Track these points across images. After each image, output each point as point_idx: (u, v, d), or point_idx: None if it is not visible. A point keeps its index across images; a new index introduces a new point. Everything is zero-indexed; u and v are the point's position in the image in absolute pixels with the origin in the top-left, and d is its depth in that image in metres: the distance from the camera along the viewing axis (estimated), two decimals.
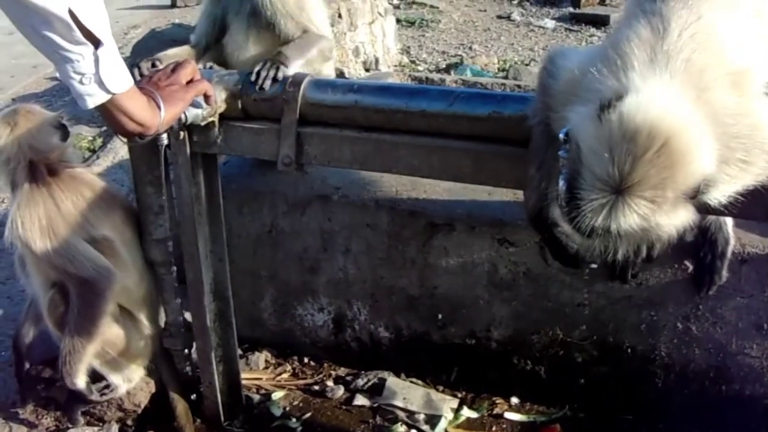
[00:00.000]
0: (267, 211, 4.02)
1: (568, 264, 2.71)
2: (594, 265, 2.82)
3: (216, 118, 3.12)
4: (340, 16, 9.33)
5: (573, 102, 2.23)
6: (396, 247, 3.85)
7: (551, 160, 2.42)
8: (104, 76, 2.29)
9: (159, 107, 2.60)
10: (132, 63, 3.41)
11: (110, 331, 3.55)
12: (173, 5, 13.73)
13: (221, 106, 3.10)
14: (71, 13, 2.12)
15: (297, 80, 3.04)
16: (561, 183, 2.09)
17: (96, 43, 2.23)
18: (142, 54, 9.53)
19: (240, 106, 3.13)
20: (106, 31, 2.28)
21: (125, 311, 3.62)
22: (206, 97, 2.94)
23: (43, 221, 3.24)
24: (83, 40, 2.20)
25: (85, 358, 3.44)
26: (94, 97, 2.33)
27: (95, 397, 3.66)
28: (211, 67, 3.83)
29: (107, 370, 3.67)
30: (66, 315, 3.41)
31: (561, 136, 2.15)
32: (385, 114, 2.93)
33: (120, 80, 2.37)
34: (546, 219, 2.54)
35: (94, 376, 3.64)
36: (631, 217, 1.93)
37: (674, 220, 2.00)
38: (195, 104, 2.92)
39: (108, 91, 2.34)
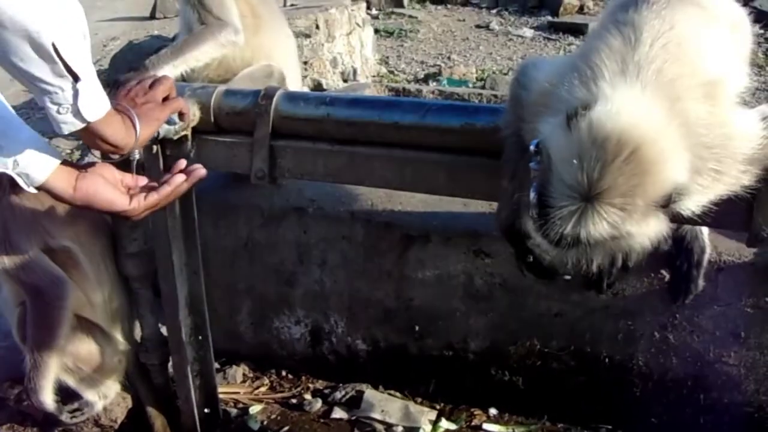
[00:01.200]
0: (242, 224, 4.01)
1: (541, 276, 2.71)
2: (568, 277, 2.83)
3: (189, 132, 3.10)
4: (317, 27, 9.32)
5: (544, 113, 2.22)
6: (372, 260, 3.84)
7: (523, 171, 2.41)
8: (82, 107, 2.26)
9: (135, 127, 2.58)
10: (110, 77, 3.39)
11: (82, 347, 3.53)
12: (152, 17, 13.69)
13: (194, 120, 3.09)
14: (54, 48, 2.10)
15: (269, 93, 3.03)
16: (532, 194, 2.09)
17: (75, 76, 2.21)
18: (120, 66, 9.56)
19: (213, 119, 3.11)
20: (87, 64, 2.25)
21: (96, 326, 3.59)
22: (181, 115, 2.93)
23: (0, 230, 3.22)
24: (64, 73, 2.16)
25: (48, 374, 3.40)
26: (69, 125, 2.30)
27: (65, 418, 3.64)
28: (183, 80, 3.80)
29: (82, 387, 3.64)
30: None
31: (531, 147, 2.14)
32: (358, 126, 2.92)
33: (97, 108, 2.33)
34: (518, 231, 2.54)
35: (69, 394, 3.63)
36: (600, 225, 1.93)
37: (645, 229, 2.00)
38: (169, 121, 2.90)
39: (84, 120, 2.31)
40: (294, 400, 4.09)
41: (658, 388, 3.58)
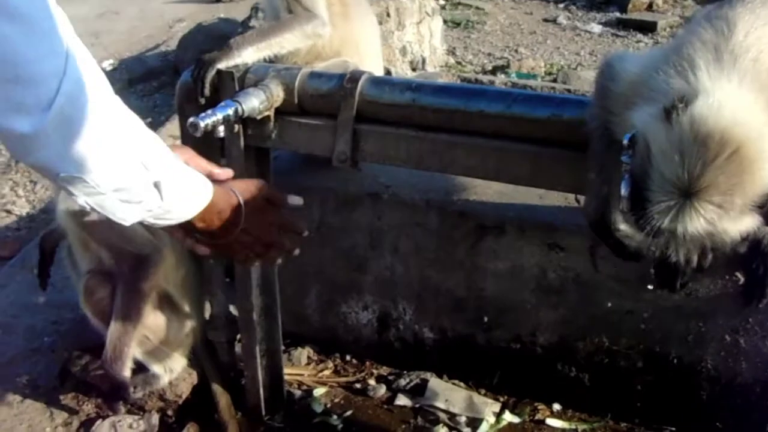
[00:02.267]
0: (316, 207, 4.01)
1: (630, 258, 2.67)
2: (651, 286, 2.82)
3: (272, 113, 3.12)
4: (388, 15, 9.31)
5: (636, 104, 2.20)
6: (444, 248, 3.83)
7: (611, 164, 2.39)
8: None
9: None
10: (178, 58, 3.39)
11: (152, 318, 3.58)
12: (219, 0, 13.75)
13: (277, 101, 3.10)
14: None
15: (355, 76, 3.03)
16: (624, 188, 2.08)
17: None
18: (188, 47, 9.63)
19: (296, 100, 3.11)
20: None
21: (167, 300, 3.65)
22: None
23: None
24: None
25: (131, 344, 3.46)
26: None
27: (139, 390, 3.68)
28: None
29: (149, 360, 3.69)
30: (106, 300, 3.46)
31: (624, 141, 2.13)
32: (443, 114, 2.90)
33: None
34: (608, 224, 2.51)
35: (137, 366, 3.67)
36: (698, 221, 1.92)
37: (740, 226, 1.99)
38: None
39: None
40: (358, 385, 4.10)
41: (725, 393, 3.53)
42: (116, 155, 1.82)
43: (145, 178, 1.90)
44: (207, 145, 3.20)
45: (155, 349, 3.68)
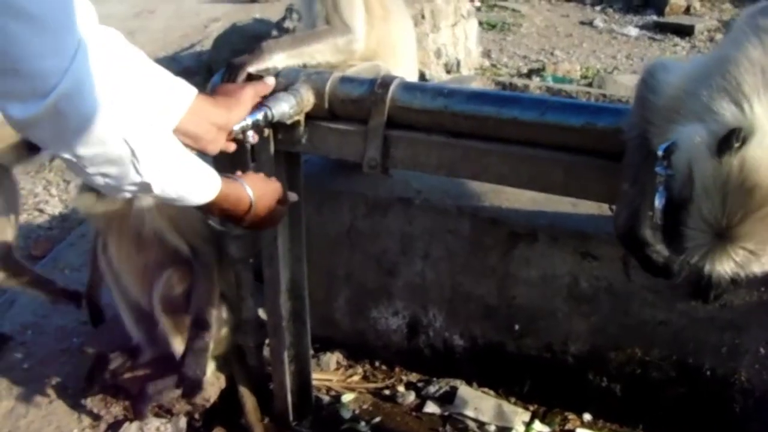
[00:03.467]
0: (347, 211, 4.00)
1: (658, 275, 2.64)
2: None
3: (302, 117, 3.10)
4: (423, 17, 9.27)
5: (678, 120, 2.15)
6: (476, 255, 3.80)
7: (646, 176, 2.35)
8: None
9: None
10: (212, 58, 3.41)
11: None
12: (254, 0, 13.77)
13: (308, 106, 3.08)
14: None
15: (386, 82, 3.00)
16: (657, 201, 2.05)
17: None
18: (223, 48, 9.64)
19: (327, 105, 3.09)
20: None
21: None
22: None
23: None
24: None
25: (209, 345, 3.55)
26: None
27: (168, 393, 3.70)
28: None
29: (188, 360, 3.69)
30: (182, 297, 3.56)
31: (660, 152, 2.09)
32: (476, 120, 2.87)
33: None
34: (637, 236, 2.47)
35: (164, 368, 3.68)
36: (728, 264, 1.91)
37: None
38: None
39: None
40: (387, 392, 4.08)
41: (759, 405, 3.49)
42: (105, 148, 1.96)
43: (132, 171, 2.06)
44: (237, 150, 3.20)
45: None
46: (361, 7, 3.85)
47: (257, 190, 2.62)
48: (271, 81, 3.03)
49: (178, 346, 3.56)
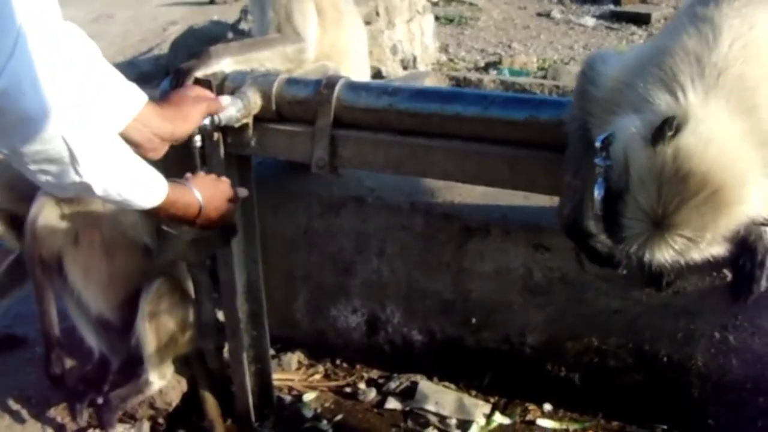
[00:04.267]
0: (302, 212, 4.01)
1: (604, 264, 2.67)
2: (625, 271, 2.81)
3: (250, 120, 3.11)
4: (377, 13, 9.27)
5: (616, 111, 2.18)
6: (430, 251, 3.82)
7: (588, 167, 2.38)
8: None
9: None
10: (170, 61, 3.43)
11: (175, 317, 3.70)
12: (212, 1, 13.71)
13: (255, 108, 3.09)
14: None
15: (332, 82, 3.02)
16: (596, 192, 2.07)
17: None
18: (180, 51, 9.59)
19: (274, 107, 3.11)
20: None
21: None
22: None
23: None
24: None
25: None
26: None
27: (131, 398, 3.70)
28: None
29: (153, 362, 3.69)
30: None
31: (598, 143, 2.11)
32: (420, 118, 2.90)
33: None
34: (581, 228, 2.50)
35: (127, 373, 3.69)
36: (666, 252, 1.94)
37: (707, 254, 2.00)
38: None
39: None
40: (348, 389, 4.09)
41: (716, 390, 3.51)
42: (44, 146, 2.00)
43: (72, 171, 2.11)
44: (187, 154, 3.20)
45: (163, 350, 3.70)
46: (314, 15, 3.85)
47: (206, 191, 2.65)
48: (225, 101, 3.03)
49: (150, 350, 3.58)
